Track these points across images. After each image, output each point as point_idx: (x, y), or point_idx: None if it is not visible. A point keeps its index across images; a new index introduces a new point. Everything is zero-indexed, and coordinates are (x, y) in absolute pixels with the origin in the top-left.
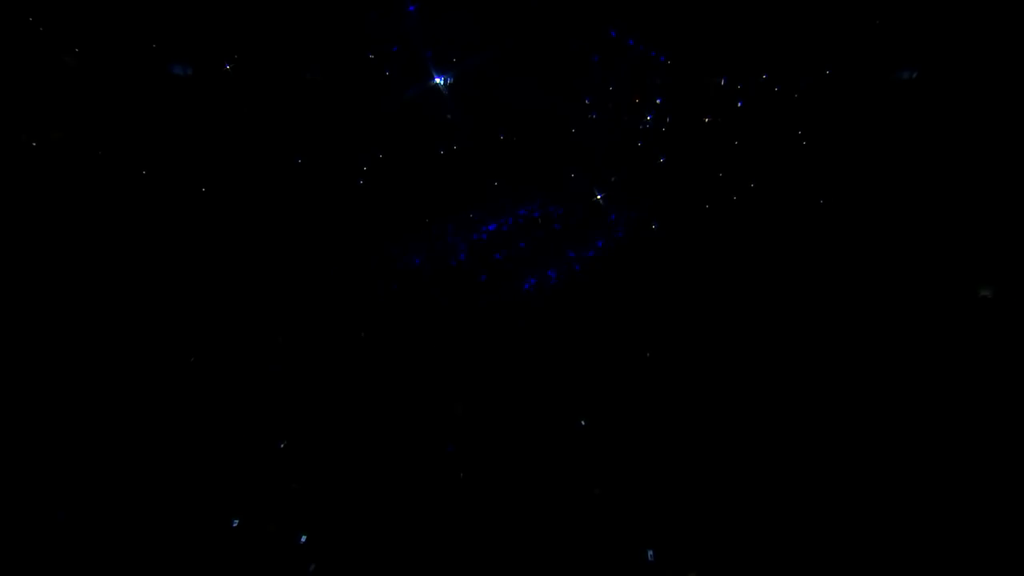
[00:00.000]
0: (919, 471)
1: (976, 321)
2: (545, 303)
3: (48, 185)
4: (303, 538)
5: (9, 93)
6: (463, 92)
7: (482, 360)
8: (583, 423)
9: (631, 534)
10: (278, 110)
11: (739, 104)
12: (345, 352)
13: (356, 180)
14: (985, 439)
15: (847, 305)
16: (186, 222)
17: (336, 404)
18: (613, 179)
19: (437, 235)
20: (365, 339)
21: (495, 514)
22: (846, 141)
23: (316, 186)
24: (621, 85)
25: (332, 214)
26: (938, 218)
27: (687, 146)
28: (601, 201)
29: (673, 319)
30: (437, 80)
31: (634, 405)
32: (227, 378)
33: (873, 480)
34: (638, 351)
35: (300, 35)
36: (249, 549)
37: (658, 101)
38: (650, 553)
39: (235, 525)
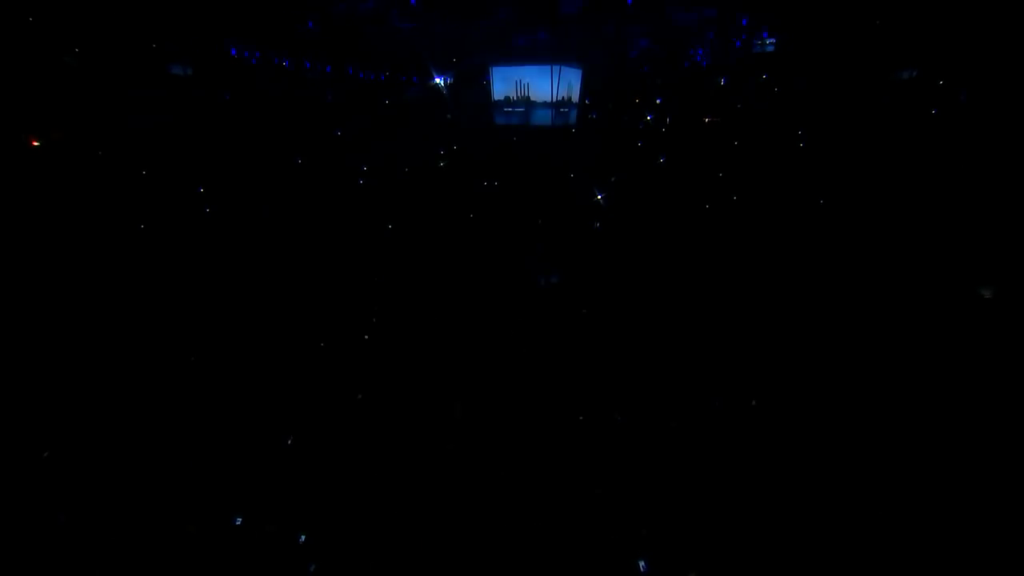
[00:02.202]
0: (917, 470)
1: (976, 321)
2: (544, 303)
3: (48, 185)
4: (303, 538)
5: (9, 93)
6: (463, 92)
7: (481, 360)
8: (581, 418)
9: (630, 534)
10: (278, 110)
11: (738, 105)
12: (346, 352)
13: (356, 180)
14: (985, 438)
15: (846, 303)
16: (186, 222)
17: (336, 404)
18: (613, 179)
19: (437, 235)
20: (365, 339)
21: (494, 514)
22: (846, 141)
23: (316, 186)
24: (621, 85)
25: (332, 214)
26: (938, 218)
27: (687, 146)
28: (601, 201)
29: (673, 318)
30: (437, 80)
31: (633, 404)
32: (228, 378)
33: (870, 480)
34: (637, 351)
35: (300, 35)
36: (249, 549)
37: (658, 101)
38: (642, 564)
39: (237, 524)
